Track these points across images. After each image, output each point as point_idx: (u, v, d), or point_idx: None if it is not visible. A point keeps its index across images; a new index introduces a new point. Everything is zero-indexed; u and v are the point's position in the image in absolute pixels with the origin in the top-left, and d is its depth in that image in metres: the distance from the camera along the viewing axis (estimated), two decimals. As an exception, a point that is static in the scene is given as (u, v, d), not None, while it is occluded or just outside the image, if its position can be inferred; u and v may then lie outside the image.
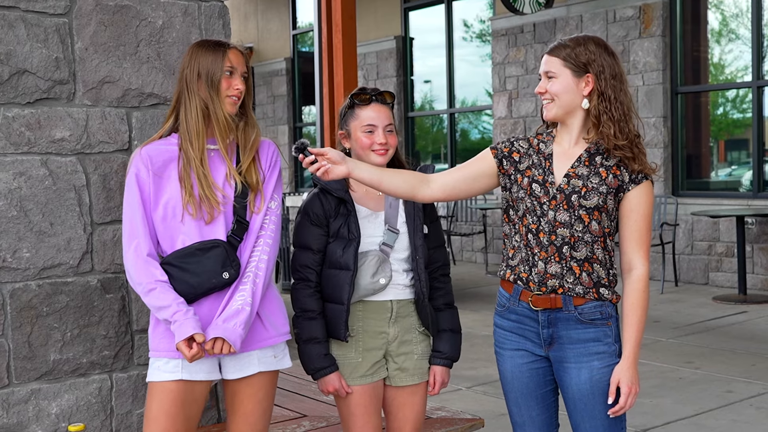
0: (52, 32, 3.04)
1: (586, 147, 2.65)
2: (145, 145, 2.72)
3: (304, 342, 2.83)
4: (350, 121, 2.86)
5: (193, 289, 2.64)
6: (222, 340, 2.58)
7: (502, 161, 2.72)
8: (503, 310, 2.77)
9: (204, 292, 2.65)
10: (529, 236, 2.66)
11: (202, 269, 2.63)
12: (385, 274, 2.81)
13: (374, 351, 2.87)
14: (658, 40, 9.56)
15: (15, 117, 2.99)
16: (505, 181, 2.73)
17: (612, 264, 2.68)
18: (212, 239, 2.67)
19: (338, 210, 2.81)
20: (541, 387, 2.74)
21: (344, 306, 2.79)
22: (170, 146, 2.71)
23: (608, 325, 2.65)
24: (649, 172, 2.63)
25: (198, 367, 2.68)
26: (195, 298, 2.65)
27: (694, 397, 5.40)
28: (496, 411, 5.13)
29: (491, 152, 2.74)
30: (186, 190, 2.65)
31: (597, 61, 2.59)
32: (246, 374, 2.73)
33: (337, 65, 8.52)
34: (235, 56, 2.71)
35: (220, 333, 2.59)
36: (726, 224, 9.11)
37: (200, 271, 2.63)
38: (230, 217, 2.70)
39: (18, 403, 3.01)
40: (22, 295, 3.00)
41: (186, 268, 2.64)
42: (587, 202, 2.60)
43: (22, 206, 2.99)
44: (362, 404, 2.86)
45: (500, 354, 2.79)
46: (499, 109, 11.32)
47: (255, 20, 15.92)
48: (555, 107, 2.64)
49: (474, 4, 12.21)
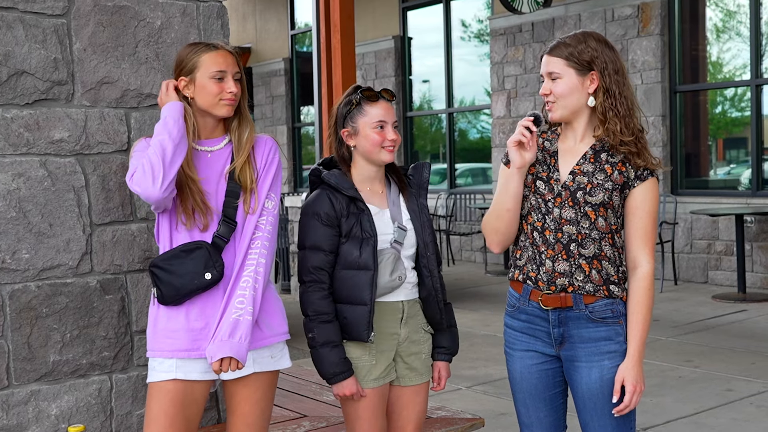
0: (51, 33, 3.04)
1: (591, 144, 2.64)
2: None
3: (321, 346, 2.77)
4: (358, 118, 2.80)
5: (177, 291, 2.63)
6: (229, 360, 2.58)
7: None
8: (513, 311, 2.75)
9: (187, 293, 2.63)
10: (535, 234, 2.65)
11: (185, 270, 2.61)
12: (401, 272, 2.79)
13: (387, 353, 2.85)
14: (656, 38, 9.56)
15: (14, 118, 2.98)
16: None
17: (621, 261, 2.66)
18: (197, 240, 2.65)
19: (349, 209, 2.77)
20: (549, 389, 2.72)
21: (368, 306, 2.75)
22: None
23: (620, 324, 2.63)
24: (653, 167, 2.62)
25: (193, 367, 2.67)
26: (180, 299, 2.64)
27: (694, 396, 5.39)
28: (495, 410, 5.13)
29: (506, 167, 2.70)
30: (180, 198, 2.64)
31: (600, 57, 2.58)
32: (241, 375, 2.71)
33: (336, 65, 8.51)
34: (222, 58, 2.68)
35: (228, 352, 2.57)
36: (725, 223, 9.11)
37: (183, 273, 2.62)
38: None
39: (18, 404, 3.01)
40: (21, 296, 3.00)
41: (171, 270, 2.63)
42: (593, 198, 2.58)
43: (21, 207, 2.98)
44: (371, 407, 2.84)
45: (510, 354, 2.77)
46: (498, 109, 11.32)
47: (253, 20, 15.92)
48: (560, 108, 2.63)
49: (472, 3, 12.21)
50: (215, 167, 2.71)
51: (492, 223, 2.72)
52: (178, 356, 2.65)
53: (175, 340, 2.65)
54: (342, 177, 2.82)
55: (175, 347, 2.65)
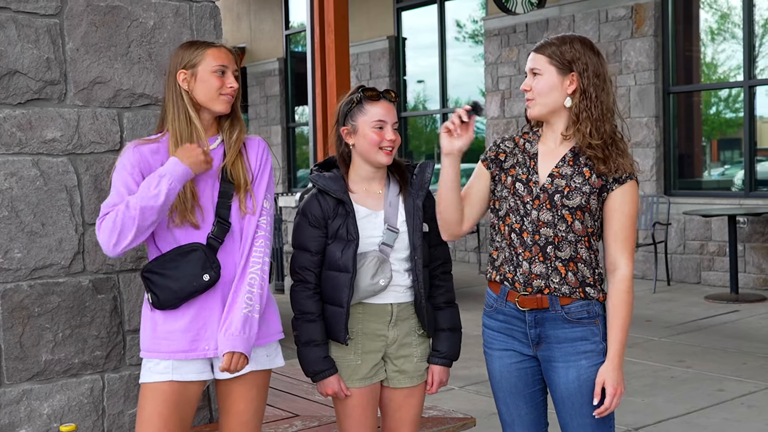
0: (43, 33, 3.04)
1: (570, 146, 2.65)
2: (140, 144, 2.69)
3: (304, 344, 2.80)
4: (358, 117, 2.80)
5: (175, 294, 2.62)
6: (239, 356, 2.59)
7: (490, 166, 2.74)
8: (491, 311, 2.77)
9: (186, 296, 2.63)
10: (512, 236, 2.66)
11: (182, 273, 2.61)
12: (384, 275, 2.78)
13: (373, 353, 2.85)
14: (650, 39, 9.58)
15: (6, 118, 2.99)
16: (492, 184, 2.74)
17: (597, 263, 2.68)
18: (191, 243, 2.65)
19: (337, 211, 2.78)
20: (529, 386, 2.74)
21: (344, 309, 2.76)
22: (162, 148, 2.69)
23: (596, 324, 2.65)
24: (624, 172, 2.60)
25: (189, 367, 2.67)
26: (178, 303, 2.64)
27: (686, 396, 5.41)
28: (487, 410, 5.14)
29: (483, 165, 2.75)
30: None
31: (581, 59, 2.60)
32: (238, 373, 2.71)
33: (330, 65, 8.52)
34: (225, 55, 2.70)
35: (241, 347, 2.59)
36: (718, 223, 9.14)
37: (180, 276, 2.61)
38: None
39: (9, 403, 3.01)
40: (13, 295, 3.00)
41: (167, 274, 2.62)
42: (570, 201, 2.59)
43: (14, 207, 2.99)
44: (360, 406, 2.85)
45: (489, 354, 2.80)
46: (492, 109, 11.33)
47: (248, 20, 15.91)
48: (538, 106, 2.64)
49: (466, 4, 12.23)
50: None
51: (437, 207, 2.76)
52: (176, 357, 2.65)
53: (172, 342, 2.65)
54: (332, 179, 2.82)
55: (172, 348, 2.65)
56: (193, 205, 2.64)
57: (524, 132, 2.77)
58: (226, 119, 2.76)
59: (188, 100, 2.67)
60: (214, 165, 2.71)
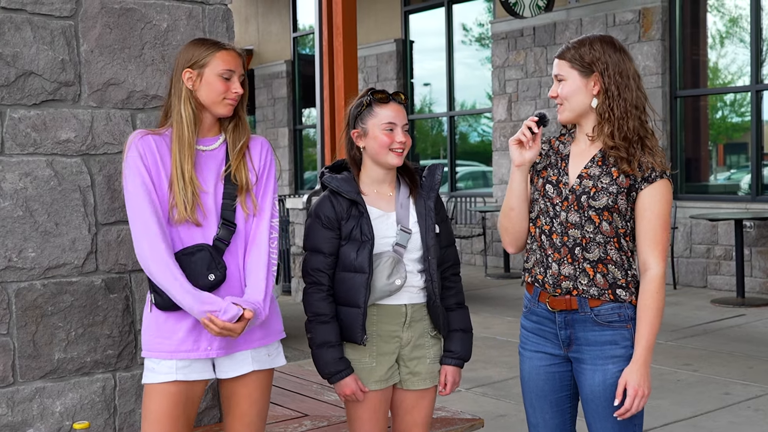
0: (58, 34, 3.07)
1: (600, 147, 2.65)
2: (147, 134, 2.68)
3: (318, 346, 2.80)
4: (368, 119, 2.82)
5: None
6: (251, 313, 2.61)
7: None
8: (527, 312, 2.78)
9: None
10: (543, 238, 2.67)
11: (187, 273, 2.60)
12: (400, 275, 2.78)
13: (388, 355, 2.85)
14: (657, 43, 9.59)
15: (21, 118, 3.02)
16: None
17: (630, 265, 2.64)
18: (197, 243, 2.65)
19: (350, 212, 2.79)
20: (556, 392, 2.73)
21: (361, 309, 2.76)
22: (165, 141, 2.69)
23: (627, 328, 2.62)
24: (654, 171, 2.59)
25: (192, 367, 2.68)
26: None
27: (693, 399, 5.42)
28: (494, 412, 5.16)
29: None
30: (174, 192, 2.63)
31: (601, 59, 2.60)
32: (240, 373, 2.73)
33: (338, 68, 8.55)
34: (233, 58, 2.70)
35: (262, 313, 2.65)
36: (724, 227, 9.14)
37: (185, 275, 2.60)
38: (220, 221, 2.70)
39: (23, 401, 3.04)
40: (27, 294, 3.03)
41: None
42: (596, 202, 2.59)
43: (28, 206, 3.02)
44: (372, 408, 2.85)
45: (522, 354, 2.80)
46: (499, 112, 11.35)
47: (255, 23, 15.96)
48: (566, 110, 2.66)
49: (474, 7, 12.25)
50: (210, 166, 2.71)
51: (501, 222, 2.79)
52: (179, 357, 2.65)
53: (175, 341, 2.66)
54: (345, 180, 2.83)
55: (174, 348, 2.66)
56: (194, 203, 2.64)
57: (561, 134, 2.78)
58: (229, 121, 2.75)
59: (191, 99, 2.67)
60: (217, 166, 2.72)
